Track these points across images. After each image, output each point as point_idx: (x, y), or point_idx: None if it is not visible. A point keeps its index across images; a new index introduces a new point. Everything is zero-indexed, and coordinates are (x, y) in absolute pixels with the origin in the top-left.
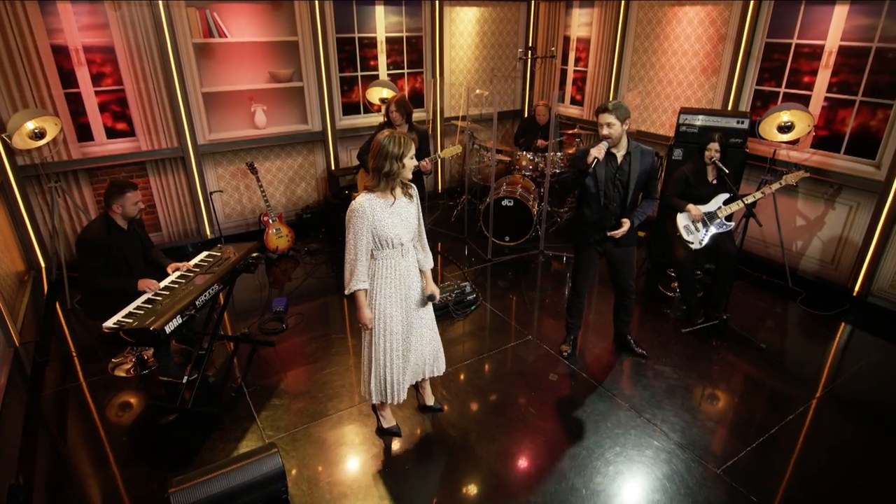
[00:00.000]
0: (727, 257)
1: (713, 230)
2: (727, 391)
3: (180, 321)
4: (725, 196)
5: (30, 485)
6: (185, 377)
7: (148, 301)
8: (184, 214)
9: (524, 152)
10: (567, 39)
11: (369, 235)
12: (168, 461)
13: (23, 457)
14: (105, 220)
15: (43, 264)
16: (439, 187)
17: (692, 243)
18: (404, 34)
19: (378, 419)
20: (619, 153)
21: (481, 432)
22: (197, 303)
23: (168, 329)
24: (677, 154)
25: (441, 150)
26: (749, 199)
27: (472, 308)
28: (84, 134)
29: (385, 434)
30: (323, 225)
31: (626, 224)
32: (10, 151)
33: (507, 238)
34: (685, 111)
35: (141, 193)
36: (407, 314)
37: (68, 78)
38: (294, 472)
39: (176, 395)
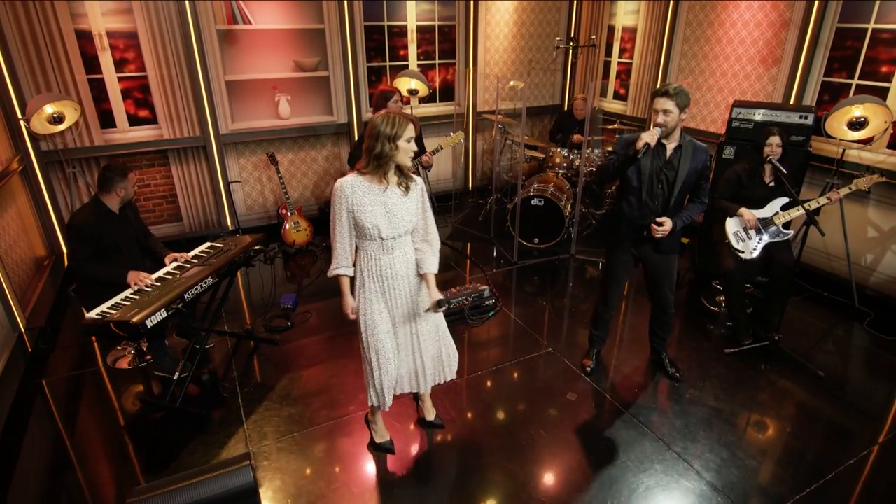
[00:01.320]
0: (783, 270)
1: (767, 239)
2: (774, 425)
3: (164, 315)
4: (783, 200)
5: None
6: (177, 373)
7: (137, 292)
8: (205, 205)
9: (558, 149)
10: (612, 29)
11: (349, 218)
12: (146, 462)
13: None
14: (95, 205)
15: (65, 250)
16: (469, 185)
17: (742, 253)
18: (436, 23)
19: (370, 432)
20: (670, 146)
21: (483, 456)
22: (186, 296)
23: (149, 323)
24: (728, 152)
25: (444, 141)
26: (812, 205)
27: (490, 314)
28: (107, 120)
29: (377, 449)
30: None
31: (668, 224)
32: (35, 137)
33: (536, 240)
34: (739, 104)
35: (162, 182)
36: (393, 320)
37: (91, 63)
38: (275, 483)
39: (168, 391)
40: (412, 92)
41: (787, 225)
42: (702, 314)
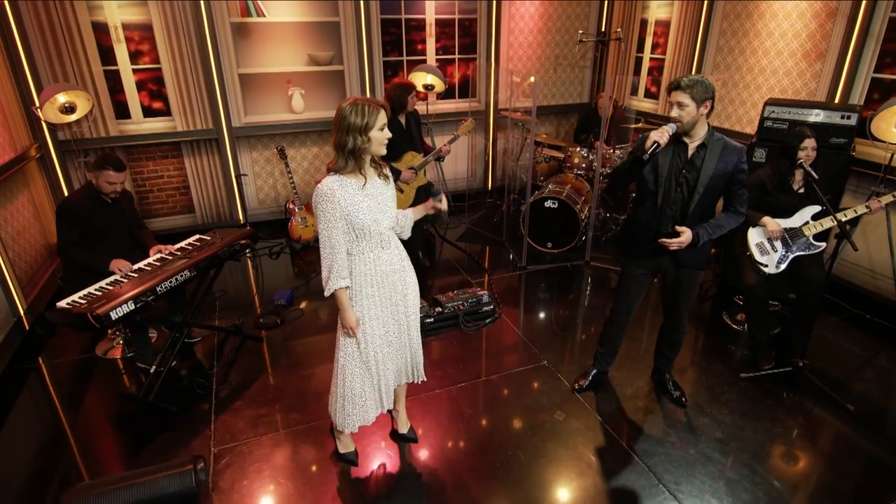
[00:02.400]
0: (811, 287)
1: (795, 251)
2: (790, 466)
3: (132, 307)
4: (815, 209)
5: None
6: (153, 367)
7: (114, 282)
8: (217, 198)
9: (577, 149)
10: (644, 23)
11: (343, 224)
12: (107, 455)
13: None
14: (88, 189)
15: None
16: (489, 184)
17: (766, 266)
18: (456, 16)
19: (335, 441)
20: (693, 144)
21: (452, 475)
22: (158, 289)
23: (114, 315)
24: (759, 155)
25: (459, 129)
26: (847, 215)
27: (487, 321)
28: (122, 111)
29: (340, 460)
30: None
31: (686, 235)
32: (53, 126)
33: (549, 244)
34: (773, 102)
35: (176, 174)
36: (395, 316)
37: (107, 55)
38: (229, 486)
39: (145, 384)
40: (428, 87)
41: (819, 237)
42: (721, 332)
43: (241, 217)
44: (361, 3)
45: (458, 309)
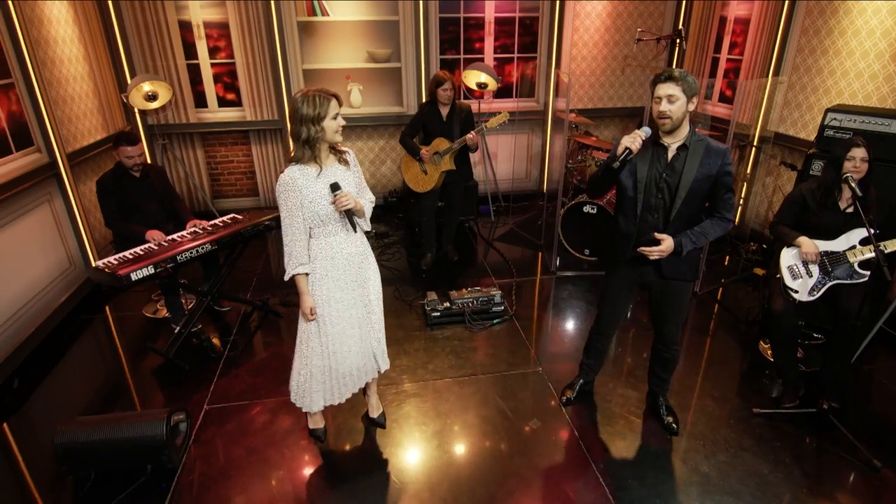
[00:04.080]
0: (848, 321)
1: (834, 279)
2: None
3: (151, 271)
4: (864, 233)
5: (13, 385)
6: (178, 328)
7: (146, 249)
8: None
9: None
10: (724, 21)
11: (305, 211)
12: (121, 395)
13: (27, 360)
14: (117, 167)
15: None
16: (544, 187)
17: (796, 293)
18: (517, 14)
19: (307, 416)
20: (673, 145)
21: (405, 469)
22: (179, 258)
23: (134, 277)
24: (817, 168)
25: (489, 122)
26: (889, 247)
27: (495, 322)
28: (200, 101)
29: (310, 435)
30: (400, 210)
31: (666, 243)
32: (144, 113)
33: (586, 251)
34: (836, 109)
35: (244, 159)
36: (347, 303)
37: (190, 50)
38: (206, 440)
39: (177, 341)
40: (481, 86)
41: (866, 265)
42: (753, 362)
43: None
44: (421, 2)
45: (466, 306)
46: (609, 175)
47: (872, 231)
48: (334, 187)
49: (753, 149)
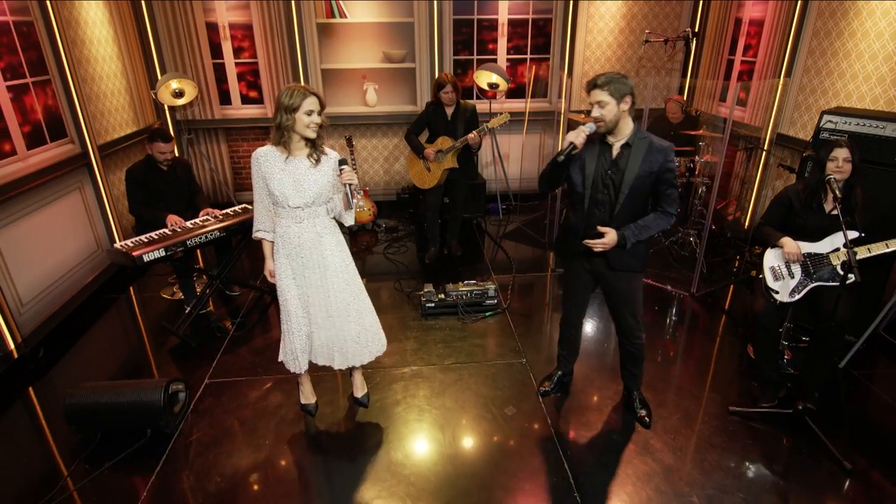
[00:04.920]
0: (834, 323)
1: (816, 281)
2: None
3: (163, 254)
4: (852, 235)
5: (39, 353)
6: (188, 309)
7: (162, 233)
8: None
9: None
10: (739, 23)
11: (263, 185)
12: (135, 365)
13: (52, 332)
14: (146, 160)
15: None
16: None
17: (776, 293)
18: (530, 16)
19: (300, 392)
20: (617, 143)
21: (389, 442)
22: (188, 243)
23: (146, 258)
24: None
25: (490, 122)
26: (889, 246)
27: (487, 315)
28: (224, 98)
29: (302, 409)
30: (411, 206)
31: (610, 236)
32: (173, 109)
33: None
34: (832, 112)
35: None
36: (304, 291)
37: (216, 50)
38: (202, 410)
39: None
40: (492, 86)
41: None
42: (742, 363)
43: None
44: (435, 4)
45: (460, 298)
46: (556, 169)
47: (859, 233)
48: (342, 162)
49: (763, 152)
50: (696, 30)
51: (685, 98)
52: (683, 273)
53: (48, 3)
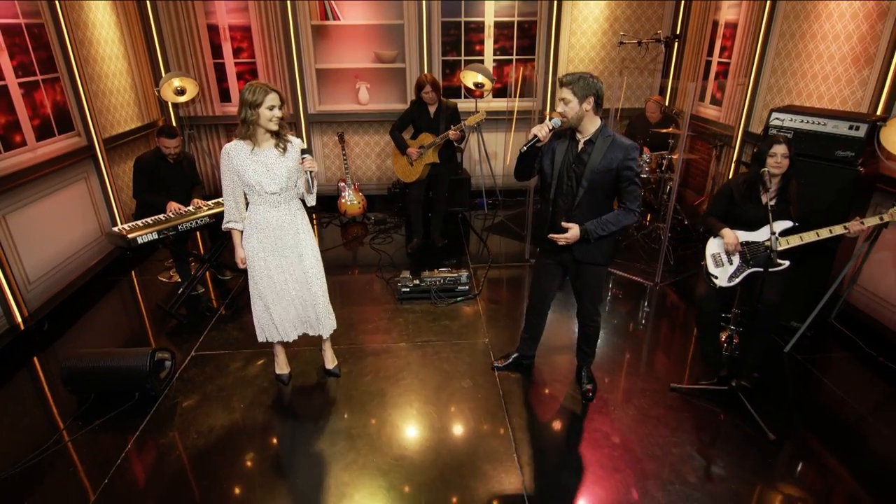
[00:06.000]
0: (762, 307)
1: (753, 267)
2: (665, 475)
3: (155, 237)
4: (785, 224)
5: (43, 327)
6: (181, 290)
7: (157, 218)
8: None
9: None
10: (716, 25)
11: (235, 178)
12: (130, 336)
13: (56, 309)
14: (156, 151)
15: None
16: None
17: (716, 278)
18: (515, 19)
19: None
20: (582, 139)
21: (359, 406)
22: (180, 227)
23: (140, 240)
24: None
25: (468, 120)
26: (820, 234)
27: (459, 300)
28: (224, 96)
29: (276, 379)
30: (400, 200)
31: (572, 231)
32: (176, 105)
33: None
34: (780, 110)
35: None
36: (282, 265)
37: (217, 50)
38: (188, 377)
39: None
40: (478, 85)
41: (783, 254)
42: (690, 344)
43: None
44: (424, 6)
45: (433, 284)
46: (521, 159)
47: (793, 223)
48: (305, 152)
49: (732, 150)
50: (678, 32)
51: (666, 98)
52: (651, 264)
53: (58, 6)
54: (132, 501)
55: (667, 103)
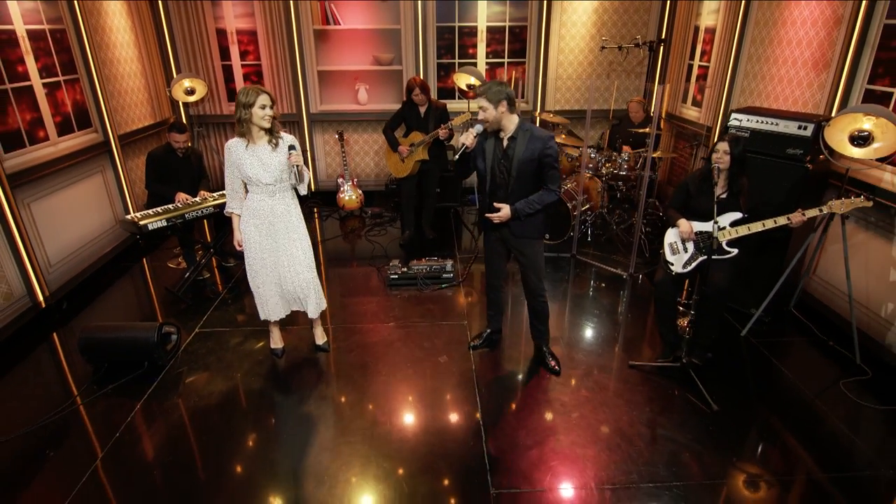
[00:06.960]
0: (711, 291)
1: (706, 255)
2: (622, 442)
3: (164, 224)
4: (735, 215)
5: (62, 306)
6: (188, 274)
7: (166, 207)
8: None
9: (588, 150)
10: (697, 30)
11: (235, 170)
12: (142, 313)
13: (75, 290)
14: (167, 145)
15: None
16: None
17: (672, 265)
18: (507, 23)
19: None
20: (505, 137)
21: (344, 378)
22: (187, 216)
23: (150, 227)
24: None
25: (454, 120)
26: (766, 225)
27: (444, 286)
28: (232, 96)
29: (271, 353)
30: (397, 196)
31: (504, 210)
32: (187, 104)
33: (546, 236)
34: (740, 111)
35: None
36: (275, 247)
37: (224, 53)
38: (192, 350)
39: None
40: (470, 87)
41: (732, 243)
42: (651, 328)
43: (312, 185)
44: (419, 11)
45: (420, 272)
46: (459, 164)
47: (742, 215)
48: (291, 147)
49: (706, 149)
50: (664, 36)
51: (651, 101)
52: (627, 256)
53: (78, 12)
54: (139, 454)
55: (650, 105)
